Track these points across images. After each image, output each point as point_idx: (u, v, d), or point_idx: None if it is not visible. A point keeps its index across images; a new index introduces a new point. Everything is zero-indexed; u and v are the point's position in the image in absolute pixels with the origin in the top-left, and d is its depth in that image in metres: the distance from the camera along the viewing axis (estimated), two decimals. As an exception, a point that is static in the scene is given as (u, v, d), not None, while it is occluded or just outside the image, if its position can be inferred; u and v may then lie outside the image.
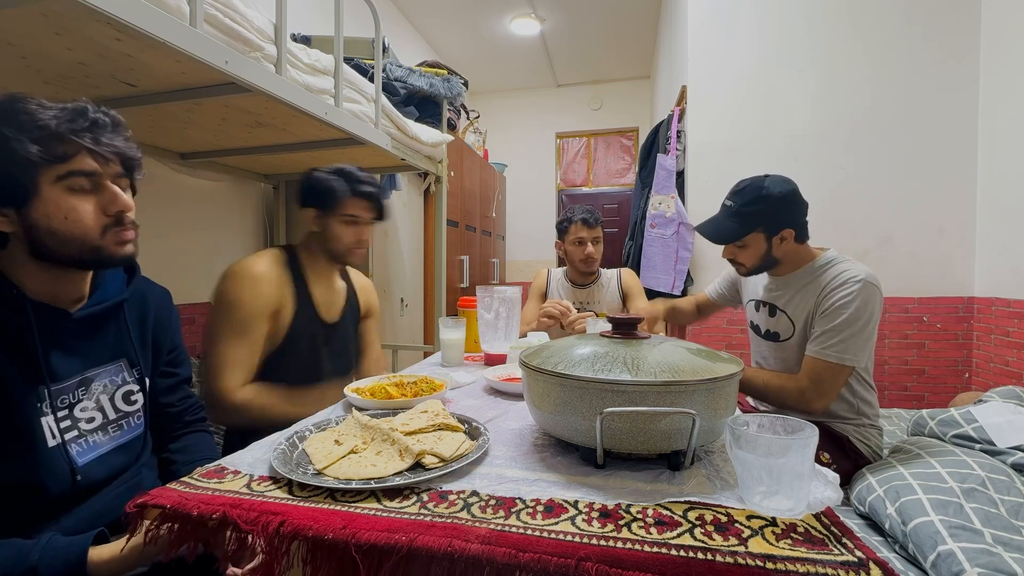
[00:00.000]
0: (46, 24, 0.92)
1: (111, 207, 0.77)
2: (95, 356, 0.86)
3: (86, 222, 0.75)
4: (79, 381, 0.83)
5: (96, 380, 0.86)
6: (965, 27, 2.52)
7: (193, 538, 0.60)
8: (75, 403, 0.82)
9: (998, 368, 2.37)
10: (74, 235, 0.74)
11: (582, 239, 1.99)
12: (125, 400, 0.90)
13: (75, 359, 0.83)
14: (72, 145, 0.73)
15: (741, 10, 2.79)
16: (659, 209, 2.89)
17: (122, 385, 0.90)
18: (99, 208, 0.76)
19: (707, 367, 0.72)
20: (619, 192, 5.49)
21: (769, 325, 1.47)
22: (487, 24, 4.34)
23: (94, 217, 0.76)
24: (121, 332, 0.91)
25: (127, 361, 0.91)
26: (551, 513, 0.59)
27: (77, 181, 0.74)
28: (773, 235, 1.34)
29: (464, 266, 3.60)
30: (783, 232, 1.33)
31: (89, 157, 0.74)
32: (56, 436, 0.78)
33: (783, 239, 1.34)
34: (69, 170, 0.73)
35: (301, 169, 2.39)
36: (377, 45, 1.89)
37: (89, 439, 0.83)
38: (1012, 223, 2.28)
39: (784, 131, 2.73)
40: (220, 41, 1.12)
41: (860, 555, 0.50)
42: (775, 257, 1.37)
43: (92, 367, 0.86)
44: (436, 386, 1.08)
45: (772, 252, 1.36)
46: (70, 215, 0.73)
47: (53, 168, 0.72)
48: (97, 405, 0.85)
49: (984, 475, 1.14)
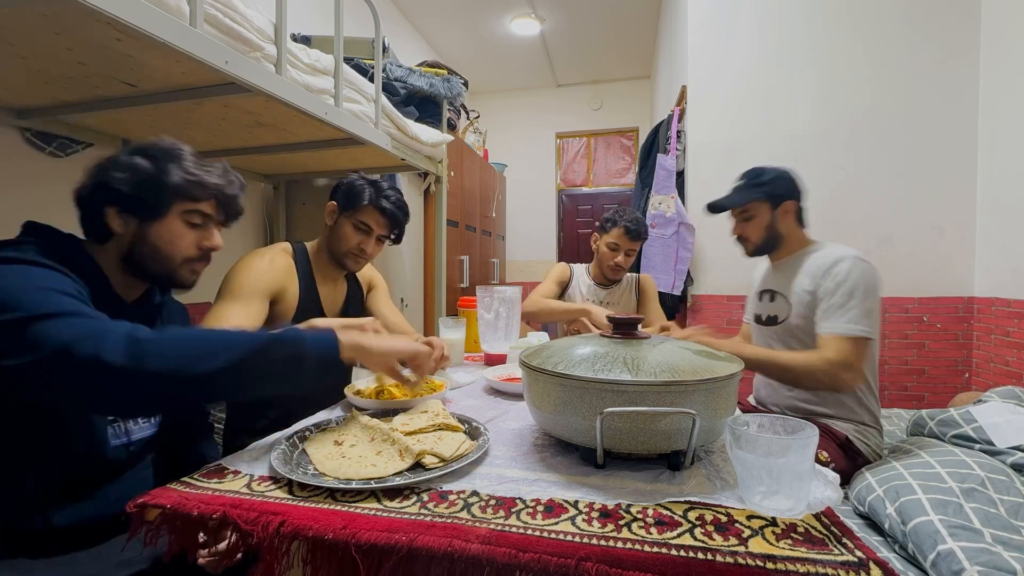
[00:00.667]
0: (46, 24, 0.92)
1: (205, 243, 0.92)
2: None
3: (182, 248, 0.89)
4: None
5: None
6: (965, 27, 2.52)
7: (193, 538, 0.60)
8: None
9: (998, 368, 2.37)
10: (167, 256, 0.88)
11: (617, 246, 1.96)
12: None
13: None
14: (207, 192, 0.90)
15: (741, 10, 2.79)
16: (659, 209, 2.89)
17: None
18: (196, 241, 0.91)
19: (707, 367, 0.72)
20: (619, 192, 5.49)
21: (769, 311, 1.52)
22: (487, 24, 4.33)
23: (189, 246, 0.90)
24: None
25: None
26: (551, 513, 0.59)
27: (194, 218, 0.90)
28: (776, 206, 1.45)
29: (464, 266, 3.59)
30: (785, 204, 1.45)
31: (212, 204, 0.91)
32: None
33: (786, 212, 1.45)
34: (195, 208, 0.89)
35: (301, 169, 2.39)
36: (377, 45, 1.89)
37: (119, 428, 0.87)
38: (1012, 223, 2.28)
39: (784, 131, 2.73)
40: (220, 41, 1.12)
41: (860, 555, 0.50)
42: (779, 232, 1.47)
43: None
44: (436, 386, 1.08)
45: (776, 225, 1.46)
46: (175, 240, 0.88)
47: (186, 203, 0.88)
48: None
49: (984, 475, 1.14)
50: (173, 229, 0.88)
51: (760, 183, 1.46)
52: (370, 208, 1.32)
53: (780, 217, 1.46)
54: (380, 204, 1.32)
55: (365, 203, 1.31)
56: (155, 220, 0.86)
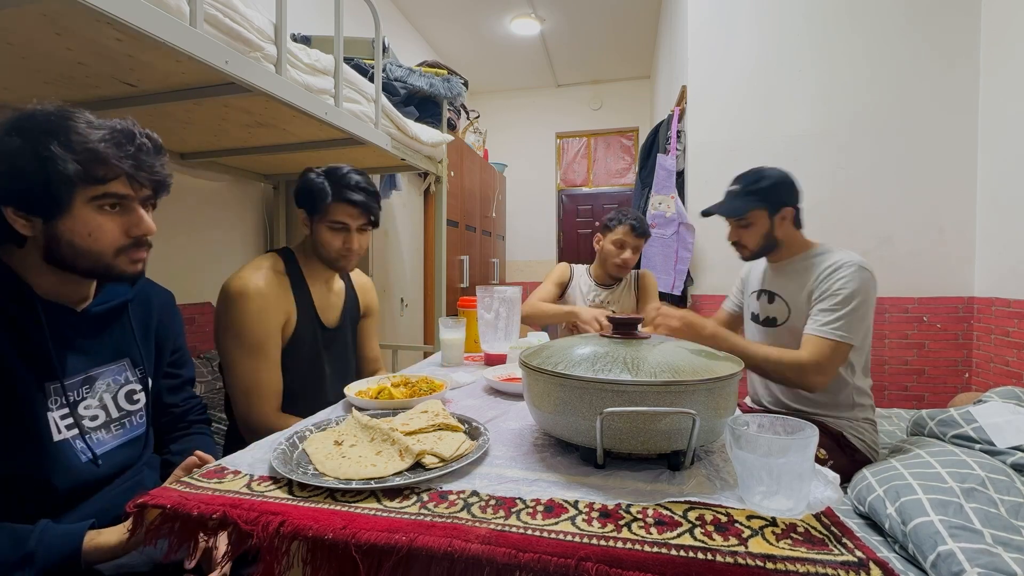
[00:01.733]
0: (46, 24, 0.92)
1: (134, 230, 0.79)
2: (99, 355, 0.87)
3: (107, 240, 0.77)
4: (83, 379, 0.84)
5: (100, 379, 0.87)
6: (965, 27, 2.52)
7: (193, 538, 0.60)
8: (79, 400, 0.83)
9: (998, 368, 2.37)
10: (92, 251, 0.76)
11: (624, 243, 1.96)
12: (128, 399, 0.90)
13: (80, 357, 0.84)
14: (113, 169, 0.74)
15: (741, 10, 2.79)
16: (659, 209, 2.89)
17: (125, 384, 0.90)
18: (122, 228, 0.78)
19: (707, 367, 0.72)
20: (619, 192, 5.49)
21: (767, 312, 1.52)
22: (487, 24, 4.33)
23: (115, 236, 0.78)
24: (125, 332, 0.91)
25: (130, 361, 0.92)
26: (551, 513, 0.59)
27: (108, 201, 0.76)
28: (774, 213, 1.43)
29: (464, 266, 3.59)
30: (783, 211, 1.43)
31: (125, 181, 0.77)
32: (61, 432, 0.79)
33: (783, 218, 1.44)
34: (105, 192, 0.75)
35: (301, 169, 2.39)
36: (377, 45, 1.89)
37: (92, 436, 0.83)
38: (1012, 223, 2.28)
39: (784, 131, 2.73)
40: (220, 41, 1.12)
41: (860, 555, 0.50)
42: (776, 238, 1.45)
43: (96, 366, 0.86)
44: (436, 386, 1.08)
45: (774, 232, 1.44)
46: (94, 233, 0.75)
47: (90, 188, 0.74)
48: (100, 403, 0.86)
49: (984, 475, 1.14)
50: (86, 221, 0.74)
51: (757, 190, 1.43)
52: (336, 204, 1.22)
53: (778, 224, 1.44)
54: (346, 197, 1.22)
55: (330, 201, 1.22)
56: (59, 216, 0.73)
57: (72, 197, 0.73)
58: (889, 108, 2.61)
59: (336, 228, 1.25)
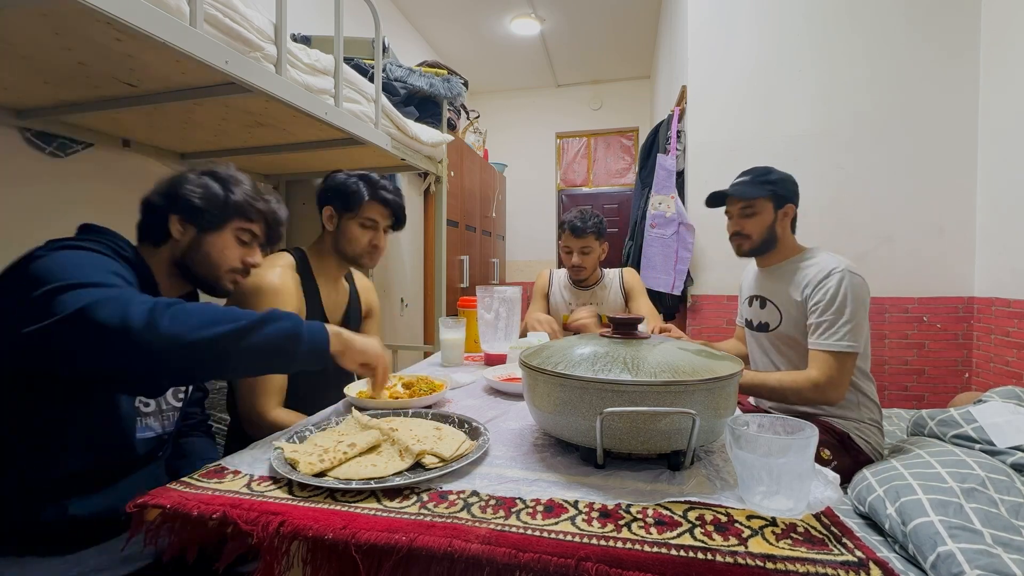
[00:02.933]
0: (46, 24, 0.92)
1: (249, 260, 1.02)
2: None
3: (229, 261, 0.99)
4: None
5: None
6: (965, 27, 2.52)
7: (193, 538, 0.60)
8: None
9: (998, 368, 2.37)
10: (216, 265, 0.98)
11: (569, 248, 1.95)
12: (173, 395, 0.99)
13: None
14: (260, 215, 1.02)
15: (741, 10, 2.79)
16: (659, 209, 2.89)
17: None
18: (242, 256, 1.01)
19: (707, 367, 0.72)
20: (619, 192, 5.49)
21: (759, 317, 1.53)
22: (487, 24, 4.33)
23: (235, 260, 1.00)
24: None
25: None
26: (551, 513, 0.59)
27: (244, 235, 1.01)
28: (779, 207, 1.46)
29: (464, 266, 3.59)
30: (786, 207, 1.47)
31: (261, 225, 1.03)
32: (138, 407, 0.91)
33: (786, 215, 1.47)
34: (246, 227, 1.01)
35: (301, 169, 2.39)
36: (377, 45, 1.89)
37: (142, 422, 0.91)
38: (1012, 223, 2.28)
39: (784, 131, 2.73)
40: (220, 41, 1.12)
41: (860, 555, 0.50)
42: (776, 233, 1.48)
43: None
44: (436, 386, 1.08)
45: (775, 226, 1.47)
46: (225, 252, 0.98)
47: (239, 221, 1.00)
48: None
49: (984, 475, 1.14)
50: (226, 241, 0.98)
51: (767, 181, 1.46)
52: (373, 203, 1.32)
53: (780, 219, 1.47)
54: (381, 196, 1.33)
55: (367, 199, 1.31)
56: (212, 231, 0.97)
57: (228, 222, 0.98)
58: (889, 108, 2.61)
59: (367, 226, 1.34)
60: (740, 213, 1.49)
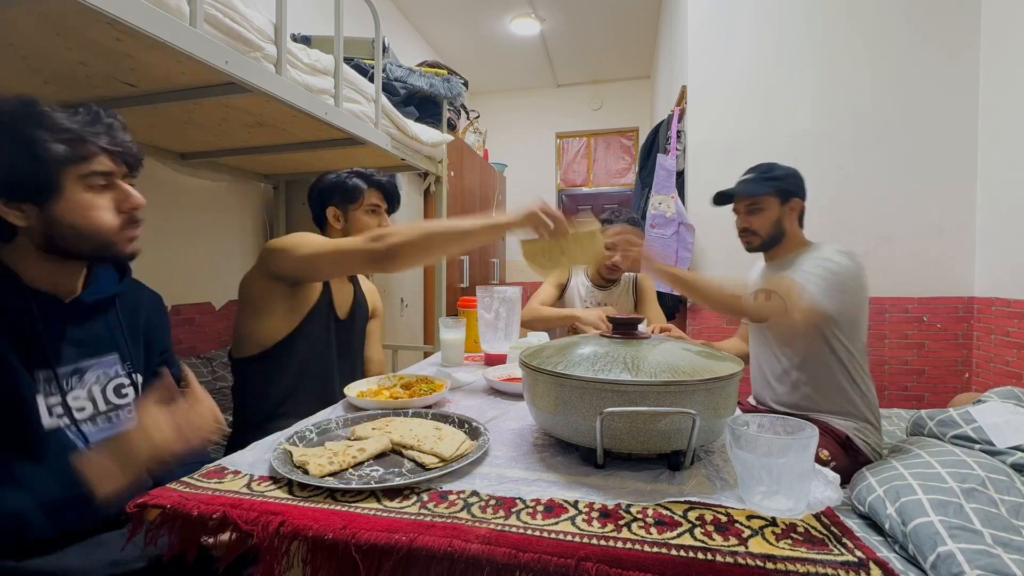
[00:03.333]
0: (46, 24, 0.92)
1: (125, 204, 0.81)
2: (88, 347, 0.87)
3: (105, 218, 0.79)
4: (73, 369, 0.84)
5: (90, 371, 0.87)
6: (965, 27, 2.52)
7: (193, 538, 0.60)
8: (68, 391, 0.83)
9: (998, 368, 2.37)
10: (93, 231, 0.78)
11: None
12: (116, 393, 0.90)
13: (70, 348, 0.84)
14: (92, 146, 0.77)
15: (741, 10, 2.79)
16: (659, 209, 2.89)
17: (114, 378, 0.90)
18: (114, 205, 0.80)
19: (707, 367, 0.72)
20: (619, 192, 5.49)
21: None
22: (487, 24, 4.33)
23: (110, 213, 0.80)
24: (113, 326, 0.91)
25: (119, 355, 0.92)
26: (551, 513, 0.59)
27: (96, 180, 0.78)
28: (785, 202, 1.48)
29: (464, 266, 3.59)
30: (792, 201, 1.48)
31: (106, 157, 0.79)
32: (53, 418, 0.79)
33: (792, 209, 1.49)
34: (91, 170, 0.77)
35: (301, 169, 2.39)
36: (377, 45, 1.89)
37: (81, 428, 0.83)
38: (1012, 223, 2.28)
39: (784, 131, 2.73)
40: (220, 41, 1.12)
41: (860, 555, 0.50)
42: (783, 228, 1.49)
43: (85, 357, 0.86)
44: (436, 386, 1.08)
45: (782, 221, 1.49)
46: (90, 211, 0.77)
47: (76, 167, 0.76)
48: (89, 395, 0.86)
49: (984, 475, 1.14)
50: (80, 201, 0.76)
51: (772, 177, 1.48)
52: (372, 190, 1.40)
53: (787, 214, 1.48)
54: (376, 182, 1.41)
55: (366, 188, 1.38)
56: (53, 200, 0.74)
57: (63, 178, 0.75)
58: (889, 108, 2.61)
59: (373, 211, 1.41)
60: (747, 210, 1.51)
